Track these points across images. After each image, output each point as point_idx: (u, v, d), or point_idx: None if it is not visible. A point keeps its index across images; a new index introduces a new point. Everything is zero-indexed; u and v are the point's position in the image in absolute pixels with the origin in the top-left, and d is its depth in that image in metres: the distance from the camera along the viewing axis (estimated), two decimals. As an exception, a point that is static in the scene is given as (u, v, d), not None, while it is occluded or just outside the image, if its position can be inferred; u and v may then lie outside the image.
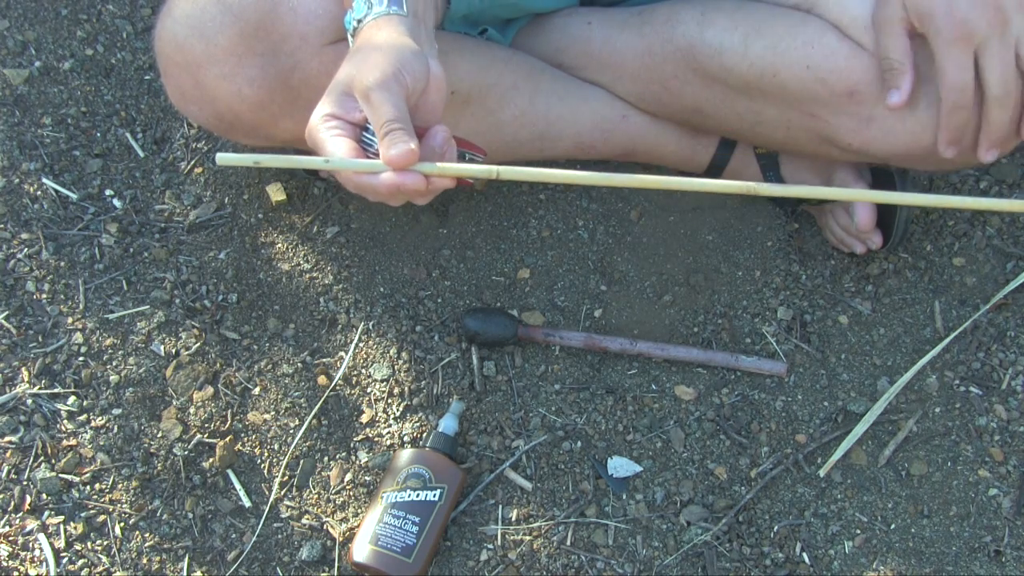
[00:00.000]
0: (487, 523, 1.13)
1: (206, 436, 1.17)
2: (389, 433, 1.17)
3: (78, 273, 1.27)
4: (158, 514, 1.14)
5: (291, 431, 1.18)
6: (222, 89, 1.01)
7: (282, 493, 1.15)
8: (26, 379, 1.20)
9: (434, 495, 1.09)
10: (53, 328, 1.23)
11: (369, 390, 1.20)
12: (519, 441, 1.17)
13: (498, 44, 1.20)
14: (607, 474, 1.15)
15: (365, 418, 1.18)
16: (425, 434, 1.16)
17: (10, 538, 1.12)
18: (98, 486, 1.15)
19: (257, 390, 1.20)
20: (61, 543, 1.12)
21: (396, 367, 1.21)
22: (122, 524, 1.13)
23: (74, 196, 1.31)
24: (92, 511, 1.14)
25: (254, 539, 1.13)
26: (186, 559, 1.12)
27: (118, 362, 1.22)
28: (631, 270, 1.27)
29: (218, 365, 1.21)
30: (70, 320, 1.24)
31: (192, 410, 1.19)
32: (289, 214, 1.30)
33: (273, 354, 1.22)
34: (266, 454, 1.17)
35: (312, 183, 1.32)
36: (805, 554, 1.12)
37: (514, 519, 1.13)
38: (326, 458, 1.17)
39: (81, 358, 1.22)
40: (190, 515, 1.14)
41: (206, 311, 1.24)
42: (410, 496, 1.09)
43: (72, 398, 1.20)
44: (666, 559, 1.11)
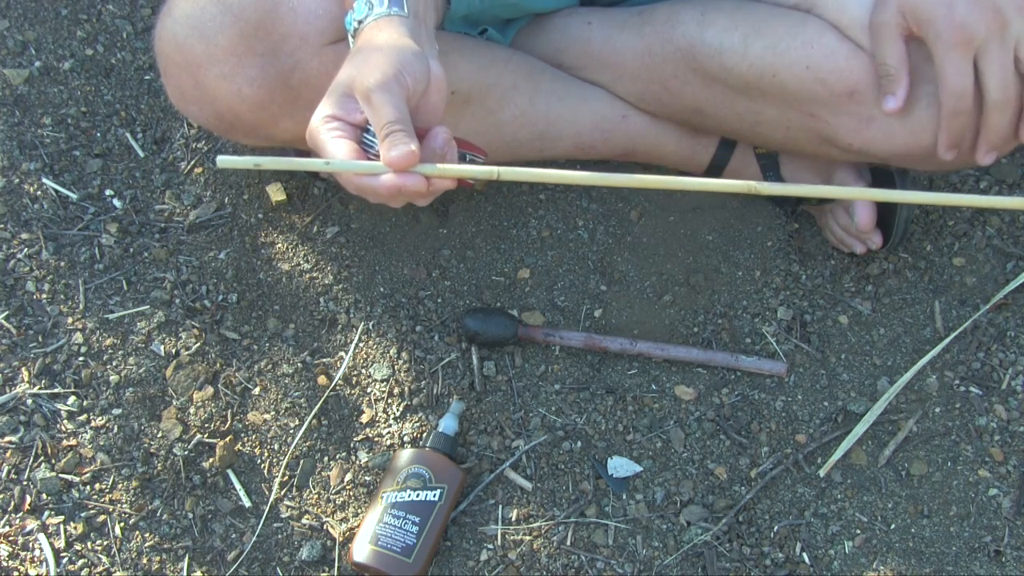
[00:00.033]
0: (487, 523, 1.13)
1: (206, 436, 1.17)
2: (389, 433, 1.17)
3: (78, 273, 1.26)
4: (158, 514, 1.14)
5: (291, 431, 1.18)
6: (222, 89, 1.01)
7: (282, 493, 1.15)
8: (26, 379, 1.20)
9: (434, 495, 1.09)
10: (53, 328, 1.23)
11: (369, 390, 1.20)
12: (519, 441, 1.17)
13: (498, 44, 1.20)
14: (607, 474, 1.15)
15: (365, 418, 1.18)
16: (425, 434, 1.17)
17: (10, 538, 1.12)
18: (98, 486, 1.15)
19: (257, 390, 1.20)
20: (61, 543, 1.12)
21: (396, 367, 1.21)
22: (122, 524, 1.13)
23: (74, 196, 1.31)
24: (92, 511, 1.14)
25: (254, 539, 1.13)
26: (186, 559, 1.12)
27: (118, 362, 1.22)
28: (631, 270, 1.27)
29: (218, 365, 1.21)
30: (70, 320, 1.24)
31: (192, 410, 1.19)
32: (289, 214, 1.30)
33: (273, 354, 1.22)
34: (266, 454, 1.17)
35: (312, 183, 1.32)
36: (805, 554, 1.12)
37: (514, 519, 1.13)
38: (326, 458, 1.17)
39: (81, 358, 1.22)
40: (190, 515, 1.14)
41: (206, 311, 1.24)
42: (410, 496, 1.09)
43: (72, 398, 1.19)
44: (666, 559, 1.11)
